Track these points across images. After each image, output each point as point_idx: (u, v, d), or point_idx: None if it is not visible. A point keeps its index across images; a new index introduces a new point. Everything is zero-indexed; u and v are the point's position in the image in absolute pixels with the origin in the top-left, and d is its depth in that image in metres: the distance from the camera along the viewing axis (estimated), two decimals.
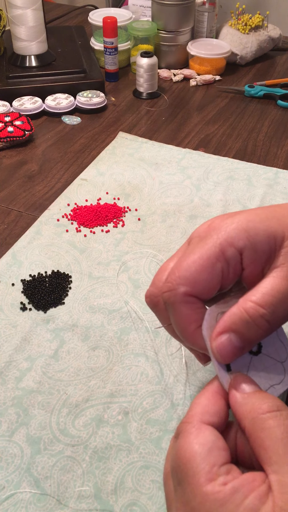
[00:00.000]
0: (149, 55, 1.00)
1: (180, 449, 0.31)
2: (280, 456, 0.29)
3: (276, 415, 0.30)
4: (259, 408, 0.31)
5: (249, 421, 0.31)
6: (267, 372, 0.36)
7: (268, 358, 0.36)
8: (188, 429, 0.32)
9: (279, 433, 0.29)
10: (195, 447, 0.31)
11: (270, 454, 0.29)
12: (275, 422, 0.30)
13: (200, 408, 0.33)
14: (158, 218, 0.73)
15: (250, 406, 0.32)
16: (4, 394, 0.50)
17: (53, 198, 0.77)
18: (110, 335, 0.57)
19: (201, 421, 0.32)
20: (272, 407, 0.31)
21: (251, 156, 0.88)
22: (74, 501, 0.43)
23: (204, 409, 0.33)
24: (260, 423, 0.30)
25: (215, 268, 0.34)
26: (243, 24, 1.17)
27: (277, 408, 0.31)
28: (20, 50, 1.02)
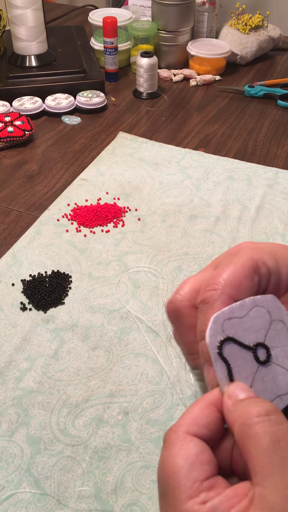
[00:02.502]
0: (149, 55, 1.00)
1: (163, 461, 0.30)
2: (264, 466, 0.28)
3: (264, 420, 0.29)
4: (247, 413, 0.30)
5: (237, 427, 0.30)
6: (274, 381, 0.34)
7: (277, 367, 0.35)
8: (173, 440, 0.31)
9: (264, 442, 0.28)
10: (177, 461, 0.30)
11: (254, 464, 0.28)
12: (262, 429, 0.29)
13: (190, 418, 0.32)
14: (158, 218, 0.73)
15: (239, 412, 0.31)
16: (4, 394, 0.51)
17: (53, 198, 0.77)
18: (110, 335, 0.57)
19: (187, 432, 0.31)
20: (260, 411, 0.30)
21: (251, 156, 0.88)
22: (74, 501, 0.43)
23: (193, 420, 0.32)
24: (247, 430, 0.29)
25: (253, 280, 0.34)
26: (243, 24, 1.17)
27: (265, 412, 0.29)
28: (20, 50, 1.02)
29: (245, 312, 0.34)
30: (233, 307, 0.34)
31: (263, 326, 0.35)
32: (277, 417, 0.29)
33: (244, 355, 0.34)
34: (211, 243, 0.69)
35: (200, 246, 0.68)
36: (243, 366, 0.33)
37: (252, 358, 0.34)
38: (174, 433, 0.31)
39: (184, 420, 0.32)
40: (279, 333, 0.35)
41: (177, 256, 0.67)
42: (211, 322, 0.33)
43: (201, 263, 0.66)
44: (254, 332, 0.34)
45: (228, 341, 0.33)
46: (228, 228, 0.71)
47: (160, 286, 0.62)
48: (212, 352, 0.33)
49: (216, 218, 0.73)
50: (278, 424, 0.29)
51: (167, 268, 0.65)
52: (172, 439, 0.31)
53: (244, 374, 0.33)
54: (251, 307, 0.34)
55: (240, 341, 0.34)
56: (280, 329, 0.35)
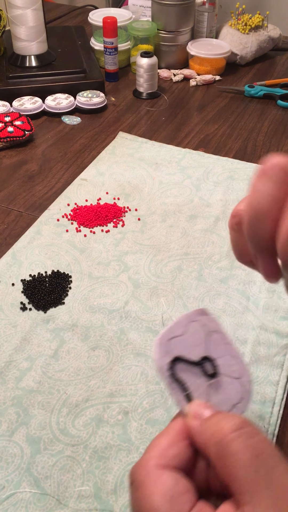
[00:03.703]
0: (149, 55, 1.00)
1: (138, 504, 0.28)
2: (250, 484, 0.26)
3: (240, 435, 0.28)
4: (220, 431, 0.28)
5: (213, 447, 0.28)
6: (226, 392, 0.34)
7: (225, 377, 0.34)
8: (143, 478, 0.29)
9: (245, 458, 0.27)
10: (155, 500, 0.27)
11: (239, 483, 0.27)
12: (240, 445, 0.27)
13: (157, 451, 0.30)
14: (158, 218, 0.73)
15: (211, 431, 0.29)
16: (4, 394, 0.51)
17: (53, 198, 0.77)
18: (110, 335, 0.57)
19: (157, 467, 0.29)
20: (234, 426, 0.28)
21: (251, 156, 0.88)
22: (74, 501, 0.43)
23: (161, 452, 0.29)
24: (224, 449, 0.28)
25: None
26: (243, 24, 1.17)
27: (239, 426, 0.28)
28: (20, 50, 1.02)
29: (183, 329, 0.34)
30: (172, 327, 0.34)
31: (202, 340, 0.35)
32: (251, 429, 0.28)
33: (194, 372, 0.33)
34: (211, 243, 0.69)
35: (200, 246, 0.68)
36: (196, 383, 0.33)
37: (202, 373, 0.34)
38: (143, 469, 0.29)
39: (152, 453, 0.30)
40: (217, 343, 0.35)
41: (177, 256, 0.67)
42: (156, 346, 0.33)
43: (201, 263, 0.66)
44: (196, 347, 0.34)
45: (176, 361, 0.33)
46: (228, 228, 0.71)
47: (160, 286, 0.63)
48: (165, 375, 0.32)
49: (216, 218, 0.73)
50: (254, 436, 0.28)
51: (167, 268, 0.65)
52: (142, 477, 0.29)
53: (199, 391, 0.33)
54: (187, 323, 0.34)
55: (187, 358, 0.33)
56: (217, 339, 0.35)
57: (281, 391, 0.52)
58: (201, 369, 0.34)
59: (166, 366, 0.33)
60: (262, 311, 0.60)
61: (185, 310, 0.59)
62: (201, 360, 0.34)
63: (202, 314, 0.35)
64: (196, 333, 0.35)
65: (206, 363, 0.34)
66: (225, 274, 0.64)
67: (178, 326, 0.34)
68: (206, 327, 0.35)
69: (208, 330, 0.35)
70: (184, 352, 0.34)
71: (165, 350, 0.33)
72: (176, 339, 0.34)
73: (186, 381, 0.33)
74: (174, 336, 0.33)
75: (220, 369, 0.34)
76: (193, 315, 0.35)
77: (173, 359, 0.33)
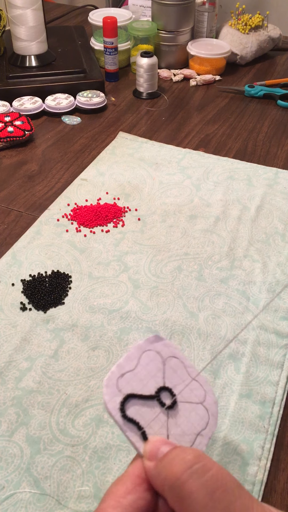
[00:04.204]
0: (149, 55, 1.00)
1: None
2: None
3: (191, 475, 0.27)
4: (172, 474, 0.27)
5: (168, 492, 0.27)
6: (189, 420, 0.32)
7: (186, 404, 0.33)
8: None
9: (200, 499, 0.26)
10: None
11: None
12: (193, 486, 0.26)
13: (113, 499, 0.28)
14: (158, 218, 0.73)
15: (164, 474, 0.28)
16: (4, 394, 0.50)
17: (53, 198, 0.77)
18: (110, 335, 0.57)
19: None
20: (185, 465, 0.27)
21: (251, 156, 0.88)
22: (74, 501, 0.43)
23: (117, 501, 0.28)
24: (179, 491, 0.27)
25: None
26: (243, 24, 1.17)
27: (190, 463, 0.27)
28: (20, 50, 1.02)
29: (135, 363, 0.32)
30: (121, 363, 0.32)
31: (158, 369, 0.33)
32: (203, 464, 0.27)
33: (150, 407, 0.32)
34: (211, 243, 0.69)
35: (200, 246, 0.68)
36: (152, 418, 0.31)
37: (159, 406, 0.32)
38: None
39: (107, 502, 0.28)
40: (176, 369, 0.34)
41: (177, 256, 0.67)
42: (105, 387, 0.31)
43: (201, 263, 0.66)
44: (151, 378, 0.33)
45: (128, 399, 0.31)
46: (228, 228, 0.71)
47: (160, 286, 0.63)
48: (117, 417, 0.31)
49: (216, 218, 0.73)
50: (206, 472, 0.27)
51: (167, 268, 0.65)
52: None
53: (156, 426, 0.31)
54: (139, 355, 0.33)
55: (140, 394, 0.32)
56: (175, 365, 0.34)
57: (281, 391, 0.52)
58: (158, 402, 0.32)
59: (118, 406, 0.31)
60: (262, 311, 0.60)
61: (185, 310, 0.59)
62: (158, 392, 0.32)
63: (155, 341, 0.34)
64: (151, 363, 0.33)
65: (163, 393, 0.32)
66: (225, 274, 0.64)
67: (129, 360, 0.32)
68: (162, 353, 0.33)
69: (165, 357, 0.33)
70: (137, 387, 0.32)
71: (115, 389, 0.31)
72: (128, 374, 0.32)
73: (140, 420, 0.31)
74: (125, 372, 0.32)
75: (180, 397, 0.33)
76: (145, 345, 0.33)
77: (124, 397, 0.31)
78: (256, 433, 0.48)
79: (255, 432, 0.48)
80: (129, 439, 0.31)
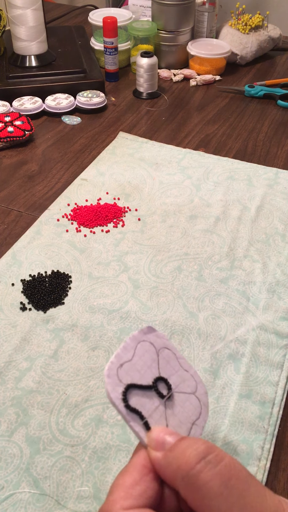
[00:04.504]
0: (149, 55, 1.00)
1: None
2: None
3: (206, 465, 0.27)
4: (186, 463, 0.27)
5: (181, 482, 0.27)
6: (184, 410, 0.33)
7: (180, 394, 0.33)
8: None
9: (216, 488, 0.26)
10: None
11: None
12: (208, 475, 0.27)
13: (122, 491, 0.28)
14: (158, 218, 0.73)
15: (176, 464, 0.28)
16: (3, 394, 0.50)
17: (53, 198, 0.77)
18: (109, 335, 0.57)
19: (123, 508, 0.28)
20: (198, 455, 0.27)
21: (251, 156, 0.88)
22: (73, 501, 0.43)
23: (126, 492, 0.28)
24: (193, 481, 0.27)
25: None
26: (243, 24, 1.17)
27: (203, 454, 0.27)
28: (20, 50, 1.02)
29: (131, 353, 0.33)
30: (119, 353, 0.32)
31: (153, 359, 0.34)
32: (216, 453, 0.28)
33: (149, 396, 0.32)
34: (211, 243, 0.69)
35: (200, 246, 0.68)
36: (152, 408, 0.32)
37: (157, 396, 0.32)
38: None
39: (117, 494, 0.28)
40: (168, 360, 0.34)
41: (177, 256, 0.67)
42: (106, 377, 0.31)
43: (201, 263, 0.66)
44: (148, 368, 0.33)
45: (129, 389, 0.32)
46: (228, 228, 0.71)
47: (160, 287, 0.62)
48: (120, 407, 0.31)
49: (216, 218, 0.73)
50: (219, 461, 0.27)
51: (167, 268, 0.65)
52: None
53: (156, 416, 0.32)
54: (135, 346, 0.33)
55: (140, 383, 0.32)
56: (167, 356, 0.34)
57: (280, 392, 0.52)
58: (156, 392, 0.33)
59: (120, 396, 0.31)
60: (262, 311, 0.60)
61: (185, 310, 0.59)
62: (155, 382, 0.33)
63: (148, 332, 0.34)
64: (146, 354, 0.34)
65: (160, 383, 0.33)
66: (225, 274, 0.64)
67: (126, 350, 0.33)
68: (155, 344, 0.34)
69: (158, 348, 0.34)
70: (136, 378, 0.32)
71: (116, 380, 0.31)
72: (126, 365, 0.32)
73: (141, 409, 0.31)
74: (123, 362, 0.32)
75: (174, 387, 0.33)
76: (140, 336, 0.34)
77: (126, 387, 0.31)
78: (255, 433, 0.48)
79: (254, 433, 0.48)
80: (132, 429, 0.31)
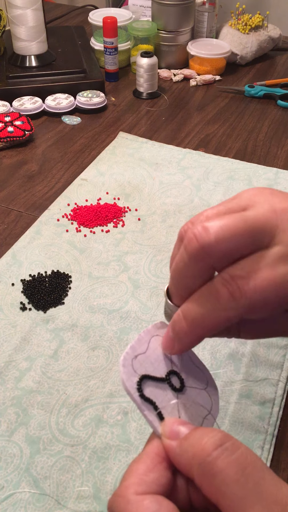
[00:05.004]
0: (149, 55, 1.00)
1: None
2: (241, 500, 0.26)
3: (223, 452, 0.27)
4: (202, 450, 0.27)
5: (196, 469, 0.27)
6: (196, 405, 0.33)
7: (192, 389, 0.34)
8: (124, 507, 0.27)
9: (232, 474, 0.26)
10: None
11: (229, 501, 0.26)
12: (225, 462, 0.27)
13: (136, 477, 0.28)
14: (158, 218, 0.73)
15: (192, 452, 0.28)
16: (3, 394, 0.50)
17: (53, 198, 0.77)
18: (109, 335, 0.57)
19: (137, 493, 0.28)
20: (215, 443, 0.27)
21: (251, 156, 0.88)
22: (73, 501, 0.43)
23: (140, 478, 0.28)
24: (209, 469, 0.27)
25: None
26: (243, 24, 1.17)
27: (220, 442, 0.27)
28: (20, 50, 1.02)
29: (145, 346, 0.34)
30: (134, 345, 0.33)
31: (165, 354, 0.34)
32: (232, 442, 0.28)
33: (162, 389, 0.33)
34: None
35: None
36: (165, 400, 0.32)
37: (170, 389, 0.33)
38: (122, 498, 0.28)
39: (130, 480, 0.28)
40: (180, 355, 0.35)
41: None
42: (122, 366, 0.32)
43: None
44: (161, 362, 0.34)
45: (143, 380, 0.32)
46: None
47: (160, 286, 0.62)
48: (135, 396, 0.31)
49: None
50: (236, 450, 0.27)
51: (167, 268, 0.65)
52: (122, 506, 0.27)
53: (169, 408, 0.32)
54: (149, 339, 0.34)
55: (153, 375, 0.33)
56: None
57: (280, 392, 0.52)
58: (169, 385, 0.33)
59: (135, 386, 0.32)
60: None
61: None
62: (168, 375, 0.33)
63: (162, 327, 0.35)
64: (159, 347, 0.34)
65: (173, 378, 0.34)
66: None
67: (140, 343, 0.33)
68: None
69: None
70: (150, 369, 0.33)
71: (132, 369, 0.32)
72: (140, 356, 0.33)
73: (155, 400, 0.32)
74: (137, 354, 0.33)
75: (186, 382, 0.34)
76: (153, 330, 0.35)
77: (140, 378, 0.32)
78: (255, 433, 0.48)
79: (254, 433, 0.48)
80: (146, 418, 0.31)
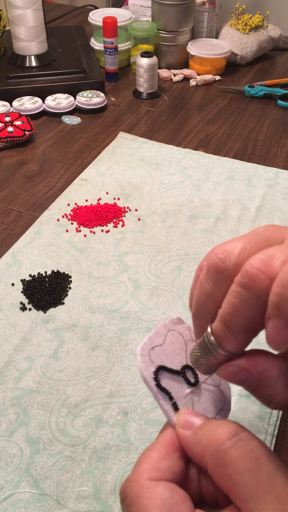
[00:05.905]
0: (149, 55, 1.00)
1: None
2: (253, 490, 0.26)
3: (237, 442, 0.27)
4: (217, 439, 0.28)
5: (210, 457, 0.28)
6: (209, 400, 0.34)
7: (206, 385, 0.34)
8: (136, 492, 0.27)
9: (246, 464, 0.26)
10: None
11: (242, 490, 0.26)
12: (238, 452, 0.27)
13: (150, 464, 0.29)
14: (158, 218, 0.73)
15: (206, 441, 0.28)
16: (3, 394, 0.50)
17: (53, 198, 0.77)
18: (109, 335, 0.57)
19: (150, 479, 0.28)
20: (230, 433, 0.28)
21: (251, 156, 0.88)
22: (73, 501, 0.43)
23: (154, 465, 0.29)
24: (222, 457, 0.27)
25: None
26: (243, 24, 1.17)
27: (235, 432, 0.28)
28: (20, 50, 1.02)
29: (162, 339, 0.34)
30: (151, 337, 0.34)
31: (182, 349, 0.35)
32: (246, 434, 0.28)
33: (177, 381, 0.33)
34: (211, 243, 0.69)
35: (200, 246, 0.68)
36: (179, 392, 0.33)
37: (184, 382, 0.33)
38: (136, 483, 0.28)
39: (144, 466, 0.29)
40: None
41: (177, 256, 0.67)
42: (139, 355, 0.32)
43: None
44: (176, 355, 0.34)
45: (160, 371, 0.33)
46: (228, 228, 0.71)
47: (160, 286, 0.62)
48: (151, 385, 0.32)
49: (216, 218, 0.73)
50: (250, 441, 0.28)
51: (167, 268, 0.65)
52: (135, 491, 0.28)
53: (183, 400, 0.33)
54: (165, 333, 0.34)
55: (170, 367, 0.33)
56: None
57: None
58: (184, 378, 0.33)
59: (152, 375, 0.32)
60: None
61: (185, 310, 0.59)
62: (183, 369, 0.34)
63: (178, 323, 0.35)
64: (175, 342, 0.35)
65: (188, 372, 0.34)
66: None
67: (158, 335, 0.34)
68: (183, 335, 0.35)
69: (186, 339, 0.35)
70: (166, 361, 0.33)
71: (149, 359, 0.33)
72: (157, 348, 0.33)
73: (171, 390, 0.32)
74: (155, 345, 0.33)
75: (200, 377, 0.34)
76: (170, 325, 0.35)
77: (157, 368, 0.33)
78: (255, 433, 0.48)
79: (254, 433, 0.48)
80: (162, 407, 0.32)
